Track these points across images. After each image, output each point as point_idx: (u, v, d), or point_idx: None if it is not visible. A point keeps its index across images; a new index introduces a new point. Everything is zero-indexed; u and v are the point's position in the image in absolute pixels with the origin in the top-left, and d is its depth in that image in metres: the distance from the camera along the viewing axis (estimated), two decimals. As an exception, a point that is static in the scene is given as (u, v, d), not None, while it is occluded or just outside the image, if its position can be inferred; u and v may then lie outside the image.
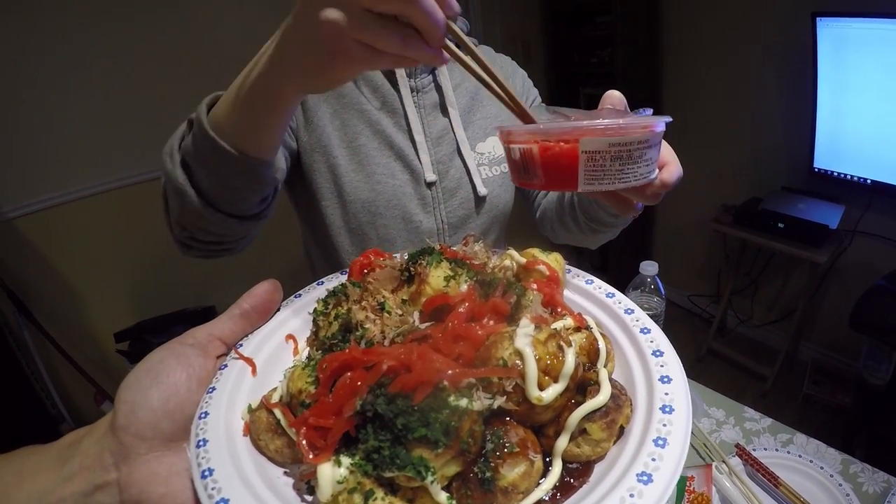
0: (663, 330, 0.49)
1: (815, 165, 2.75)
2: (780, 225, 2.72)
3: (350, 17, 0.45)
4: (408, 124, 1.05)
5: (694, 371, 3.22)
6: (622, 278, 1.26)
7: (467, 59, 0.53)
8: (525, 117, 0.55)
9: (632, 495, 0.34)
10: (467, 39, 0.53)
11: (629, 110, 0.63)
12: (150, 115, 2.32)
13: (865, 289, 2.16)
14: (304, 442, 0.37)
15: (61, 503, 0.37)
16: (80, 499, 0.37)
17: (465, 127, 1.09)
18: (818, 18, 2.47)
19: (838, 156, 2.67)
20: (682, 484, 0.96)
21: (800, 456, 1.08)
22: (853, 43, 2.43)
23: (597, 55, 3.56)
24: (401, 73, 1.03)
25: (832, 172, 2.70)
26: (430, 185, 1.06)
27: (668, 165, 0.62)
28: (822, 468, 1.05)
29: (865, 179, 2.57)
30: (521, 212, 1.25)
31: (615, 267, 3.78)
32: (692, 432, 1.15)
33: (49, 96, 2.20)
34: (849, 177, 2.63)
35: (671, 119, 0.52)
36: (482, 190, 1.09)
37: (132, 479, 0.38)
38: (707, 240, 3.45)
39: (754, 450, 1.10)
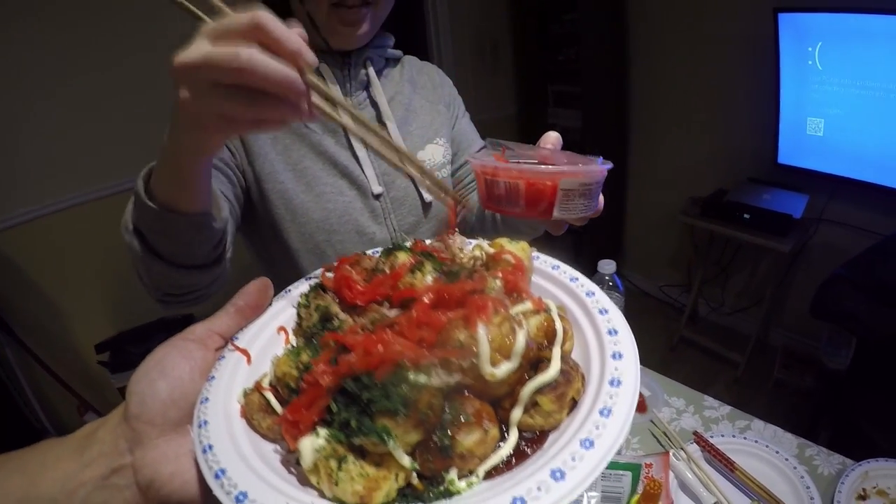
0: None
1: (778, 160, 2.84)
2: (746, 216, 2.81)
3: (197, 94, 0.50)
4: (349, 141, 1.07)
5: (667, 359, 3.30)
6: (594, 270, 1.31)
7: (337, 115, 0.55)
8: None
9: (573, 459, 0.38)
10: (334, 92, 0.53)
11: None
12: (128, 126, 2.34)
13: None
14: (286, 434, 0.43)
15: (82, 486, 0.41)
16: (99, 481, 0.41)
17: (403, 138, 1.12)
18: (780, 14, 2.55)
19: (801, 150, 2.77)
20: (638, 470, 1.00)
21: (756, 441, 1.12)
22: (814, 38, 2.51)
23: (563, 53, 3.60)
24: (337, 94, 1.04)
25: (796, 166, 2.80)
26: (377, 196, 1.09)
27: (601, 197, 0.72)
28: (777, 452, 1.08)
29: (828, 174, 2.67)
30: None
31: (586, 259, 3.83)
32: (653, 422, 1.22)
33: (25, 109, 2.19)
34: (812, 171, 2.73)
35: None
36: (428, 196, 1.14)
37: (145, 462, 0.42)
38: (677, 231, 3.54)
39: (712, 436, 1.13)
